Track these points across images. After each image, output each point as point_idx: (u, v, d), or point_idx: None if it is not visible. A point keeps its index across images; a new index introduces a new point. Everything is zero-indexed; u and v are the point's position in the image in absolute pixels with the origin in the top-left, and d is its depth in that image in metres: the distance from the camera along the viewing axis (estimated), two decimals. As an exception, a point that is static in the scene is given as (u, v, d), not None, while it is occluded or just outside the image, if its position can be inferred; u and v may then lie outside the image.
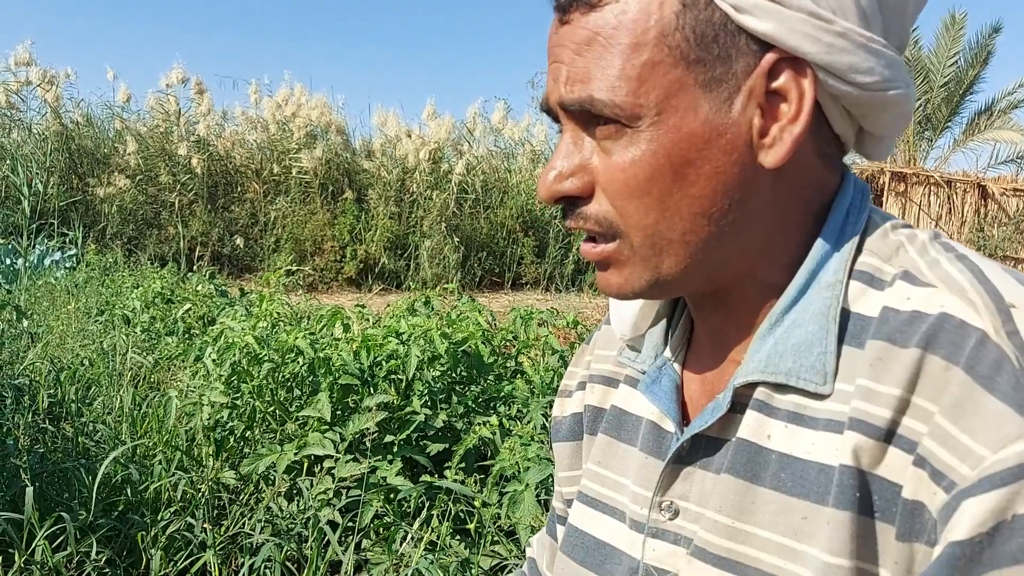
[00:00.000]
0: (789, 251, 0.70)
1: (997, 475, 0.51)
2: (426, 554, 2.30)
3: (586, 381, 0.93)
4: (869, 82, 0.65)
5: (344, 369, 2.67)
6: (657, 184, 0.65)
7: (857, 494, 0.60)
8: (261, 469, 2.63)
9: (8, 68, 12.37)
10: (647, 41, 0.63)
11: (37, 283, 7.82)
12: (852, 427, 0.61)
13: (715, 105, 0.63)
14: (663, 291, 0.71)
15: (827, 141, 0.69)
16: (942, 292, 0.60)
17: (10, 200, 10.86)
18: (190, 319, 4.95)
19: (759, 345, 0.69)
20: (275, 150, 13.07)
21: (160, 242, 11.90)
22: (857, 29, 0.63)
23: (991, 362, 0.55)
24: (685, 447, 0.73)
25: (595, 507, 0.86)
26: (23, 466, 2.22)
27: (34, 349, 4.22)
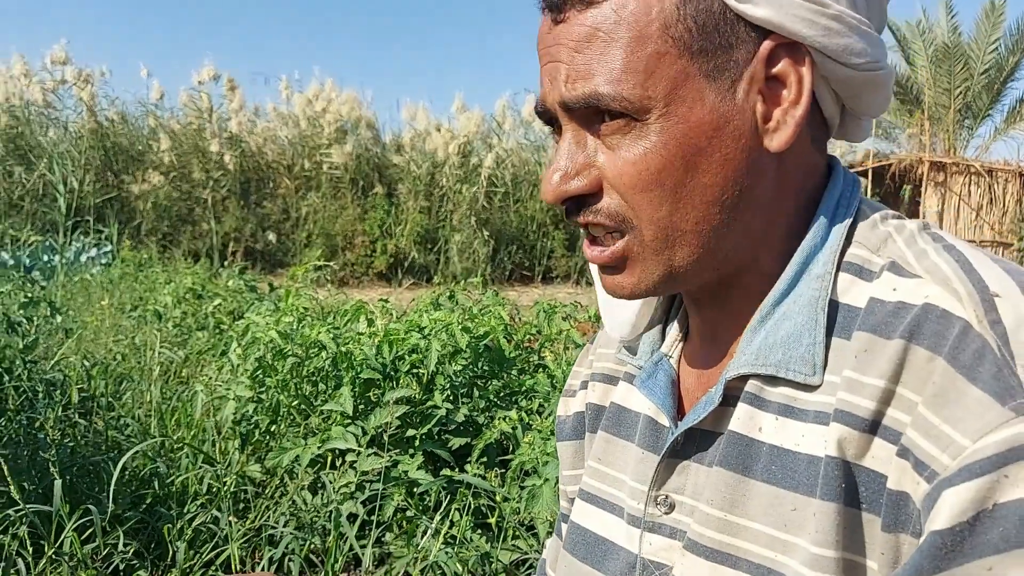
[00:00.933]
0: (783, 239, 0.71)
1: (976, 464, 0.51)
2: (446, 548, 2.31)
3: (588, 380, 0.94)
4: (862, 63, 0.66)
5: (366, 364, 2.69)
6: (669, 175, 0.65)
7: (843, 485, 0.61)
8: (285, 463, 2.66)
9: (44, 67, 12.60)
10: (650, 33, 0.63)
11: (73, 279, 7.98)
12: (837, 418, 0.61)
13: (720, 93, 0.64)
14: (675, 285, 0.71)
15: (817, 125, 0.70)
16: (927, 283, 0.61)
17: (47, 198, 11.07)
18: (220, 314, 5.01)
19: (750, 338, 0.69)
20: (306, 146, 13.18)
21: (194, 238, 12.07)
22: (848, 11, 0.65)
23: (973, 352, 0.55)
24: (679, 441, 0.73)
25: (595, 503, 0.86)
26: (51, 460, 2.26)
27: (67, 344, 4.30)
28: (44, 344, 4.40)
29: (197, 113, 13.11)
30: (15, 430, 2.83)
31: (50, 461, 2.27)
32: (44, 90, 12.34)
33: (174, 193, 12.22)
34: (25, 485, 2.49)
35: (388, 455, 2.61)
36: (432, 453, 2.71)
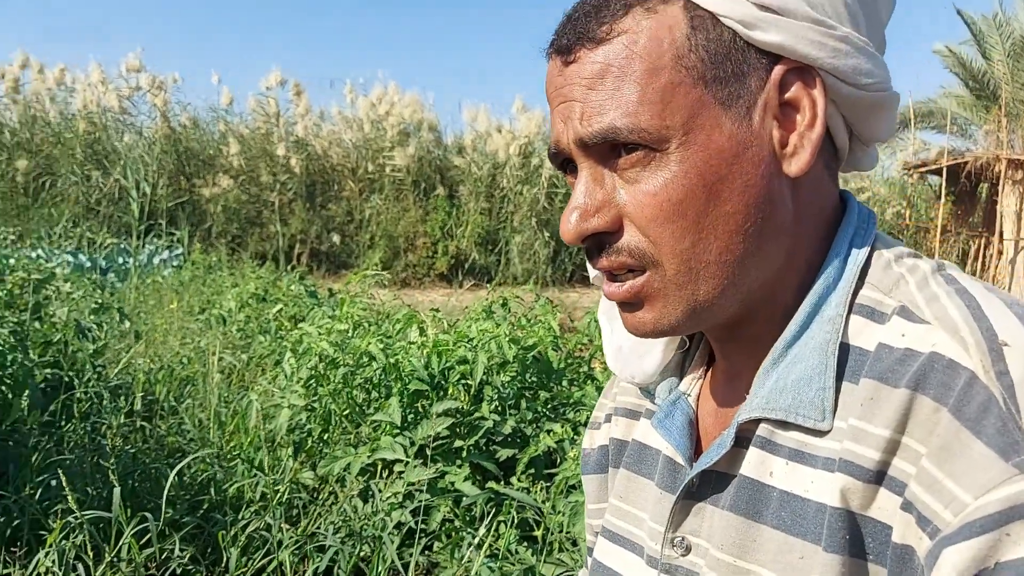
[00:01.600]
0: (801, 271, 0.70)
1: (978, 522, 0.51)
2: (489, 560, 2.33)
3: (612, 414, 0.94)
4: (871, 83, 0.66)
5: (414, 375, 2.72)
6: (692, 205, 0.64)
7: (847, 536, 0.60)
8: (336, 471, 2.71)
9: (120, 75, 13.06)
10: (664, 65, 0.63)
11: (146, 281, 8.25)
12: (841, 468, 0.61)
13: (736, 120, 0.64)
14: (698, 321, 0.69)
15: (830, 154, 0.70)
16: (935, 330, 0.59)
17: (123, 202, 11.47)
18: (282, 318, 5.13)
19: (763, 380, 0.68)
20: (370, 148, 13.37)
21: (261, 240, 12.36)
22: (854, 33, 0.65)
23: (978, 404, 0.54)
24: (695, 482, 0.73)
25: (616, 542, 0.87)
26: (111, 468, 2.34)
27: (136, 347, 4.46)
28: (115, 347, 4.57)
29: (265, 118, 13.42)
30: (80, 436, 2.95)
31: (110, 469, 2.35)
32: (120, 97, 12.78)
33: (243, 196, 12.53)
34: (89, 490, 2.59)
35: (435, 467, 2.64)
36: (480, 464, 2.73)
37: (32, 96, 12.84)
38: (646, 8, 0.65)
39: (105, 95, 12.76)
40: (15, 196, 11.57)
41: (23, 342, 3.71)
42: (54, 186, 11.83)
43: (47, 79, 13.02)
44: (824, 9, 0.64)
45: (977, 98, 14.42)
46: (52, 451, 2.85)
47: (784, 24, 0.63)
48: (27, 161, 11.69)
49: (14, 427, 2.93)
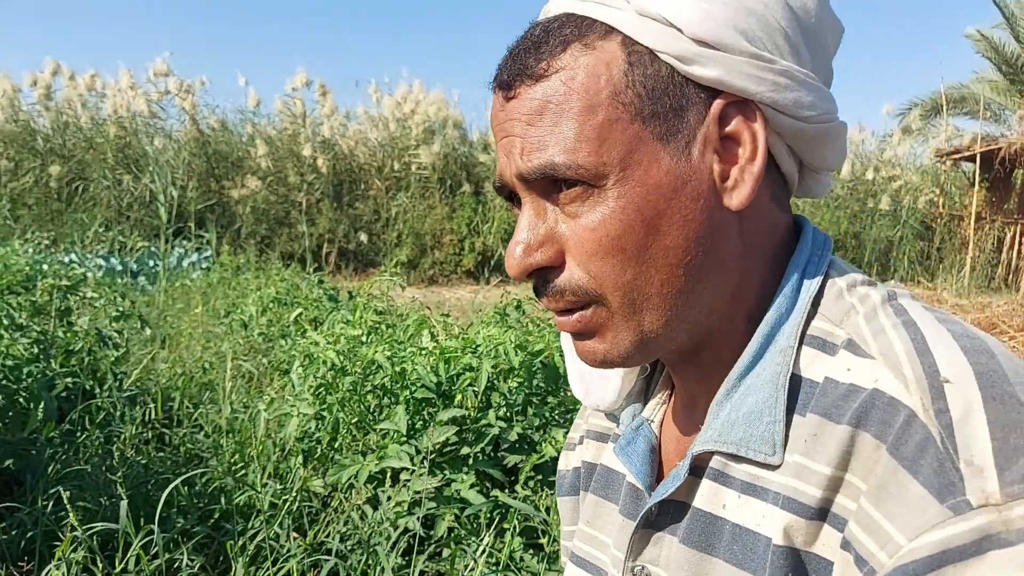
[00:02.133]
0: (753, 301, 0.70)
1: (910, 565, 0.50)
2: (493, 569, 2.33)
3: (584, 436, 0.94)
4: (814, 115, 0.66)
5: (420, 383, 2.73)
6: (631, 239, 0.65)
7: (789, 574, 0.60)
8: (345, 479, 2.73)
9: (149, 79, 13.23)
10: (600, 101, 0.64)
11: (175, 284, 8.36)
12: (785, 505, 0.61)
13: (675, 155, 0.64)
14: (648, 351, 0.70)
15: (777, 183, 0.70)
16: (879, 365, 0.59)
17: (153, 205, 11.64)
18: (302, 322, 5.17)
19: (716, 412, 0.68)
20: (395, 147, 13.43)
21: (290, 240, 12.47)
22: (795, 66, 0.65)
23: (916, 444, 0.53)
24: (653, 512, 0.73)
25: (583, 567, 0.88)
26: (118, 480, 2.38)
27: (157, 354, 4.52)
28: (139, 354, 4.64)
29: (292, 119, 13.53)
30: (96, 445, 3.00)
31: (117, 481, 2.39)
32: (149, 101, 12.95)
33: (271, 197, 12.65)
34: (102, 500, 2.64)
35: (442, 474, 2.65)
36: (486, 471, 2.73)
37: (64, 102, 13.07)
38: (584, 44, 0.65)
39: (135, 100, 12.95)
40: (49, 201, 11.80)
41: (46, 351, 3.78)
42: (86, 191, 12.04)
43: (78, 85, 13.25)
44: (763, 44, 0.64)
45: (1011, 83, 14.11)
46: (69, 461, 2.90)
47: (721, 59, 0.63)
48: (60, 167, 11.91)
49: (32, 437, 2.99)
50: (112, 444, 3.06)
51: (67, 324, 4.34)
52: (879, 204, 13.10)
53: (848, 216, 13.32)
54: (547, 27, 0.67)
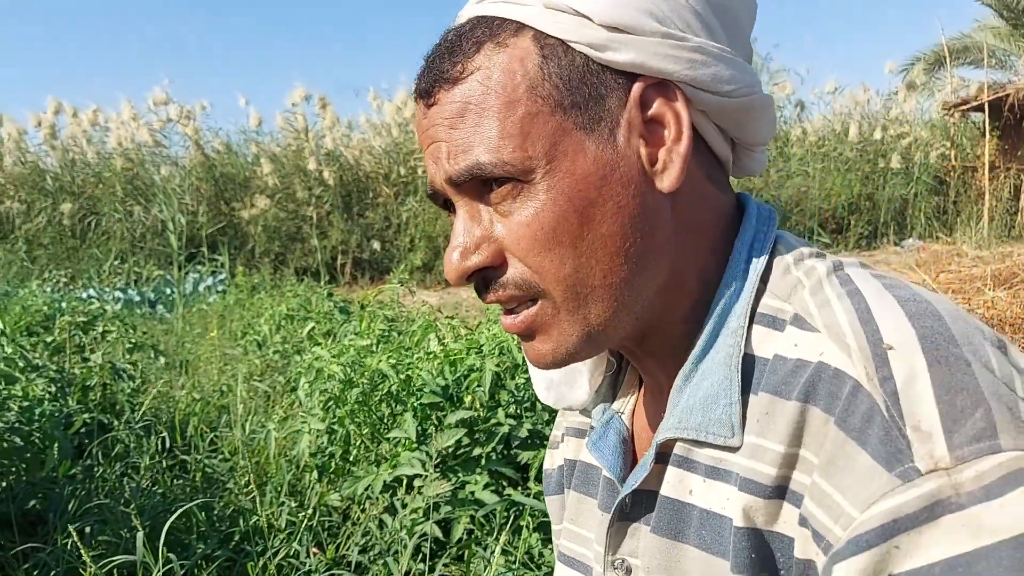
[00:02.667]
0: (698, 284, 0.69)
1: (863, 536, 0.50)
2: (511, 566, 2.32)
3: (565, 434, 0.95)
4: (733, 89, 0.66)
5: (426, 388, 2.73)
6: (566, 231, 0.64)
7: (753, 555, 0.60)
8: (360, 491, 2.73)
9: (149, 109, 13.34)
10: (519, 97, 0.64)
11: (192, 310, 8.42)
12: (743, 487, 0.60)
13: (600, 143, 0.64)
14: (595, 344, 0.69)
15: (710, 163, 0.70)
16: (823, 338, 0.59)
17: (165, 233, 11.74)
18: (316, 336, 5.19)
19: (676, 398, 0.68)
20: (400, 152, 13.45)
21: (304, 255, 12.53)
22: (708, 42, 0.65)
23: (862, 414, 0.53)
24: (627, 503, 0.73)
25: (570, 564, 0.89)
26: (133, 512, 2.40)
27: (172, 382, 4.56)
28: (156, 383, 4.68)
29: (295, 134, 13.59)
30: (115, 479, 3.02)
31: (132, 513, 2.41)
32: (152, 131, 13.06)
33: (281, 214, 12.71)
34: (123, 533, 2.66)
35: (456, 477, 2.65)
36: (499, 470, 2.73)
37: (69, 139, 13.21)
38: (496, 43, 0.65)
39: (138, 130, 13.07)
40: (63, 239, 11.94)
41: (63, 389, 3.83)
42: (99, 225, 12.17)
43: (82, 121, 13.39)
44: (673, 23, 0.64)
45: (1014, 27, 13.89)
46: (90, 496, 2.93)
47: (634, 42, 0.63)
48: (71, 204, 12.05)
49: (52, 476, 3.02)
50: (128, 476, 3.09)
51: (83, 360, 4.39)
52: (890, 163, 12.95)
53: (860, 178, 13.19)
54: (459, 31, 0.68)
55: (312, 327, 5.13)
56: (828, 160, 13.51)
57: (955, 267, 7.80)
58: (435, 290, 11.78)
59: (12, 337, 4.41)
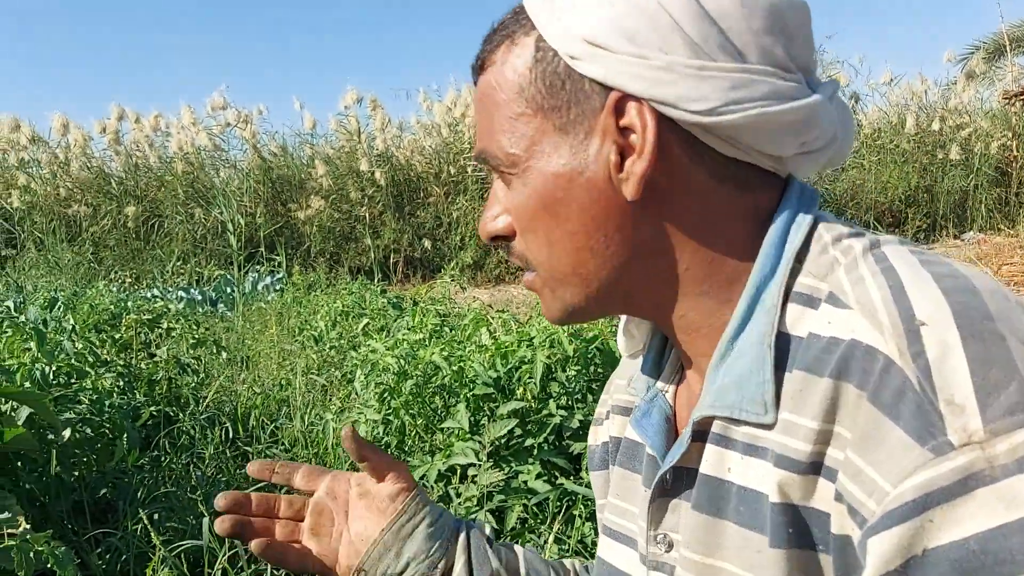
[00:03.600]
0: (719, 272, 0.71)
1: (897, 510, 0.51)
2: (564, 554, 2.36)
3: (610, 411, 0.97)
4: (704, 108, 0.65)
5: (478, 379, 2.78)
6: (540, 222, 0.72)
7: (791, 530, 0.61)
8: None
9: (208, 114, 13.64)
10: (511, 97, 0.70)
11: (251, 308, 8.61)
12: (777, 463, 0.62)
13: (574, 147, 0.69)
14: (581, 317, 0.77)
15: (722, 166, 0.69)
16: (856, 315, 0.60)
17: (225, 234, 12.01)
18: (370, 331, 5.29)
19: (712, 377, 0.70)
20: (450, 152, 13.53)
21: (357, 254, 12.69)
22: (683, 60, 0.64)
23: (894, 389, 0.54)
24: (668, 479, 0.75)
25: (615, 538, 0.90)
26: (199, 499, 2.49)
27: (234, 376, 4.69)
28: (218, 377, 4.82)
29: (347, 136, 13.76)
30: (181, 468, 3.14)
31: (198, 500, 2.50)
32: (211, 135, 13.35)
33: (335, 214, 12.88)
34: (190, 520, 2.76)
35: (509, 467, 2.69)
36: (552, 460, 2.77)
37: (132, 144, 13.58)
38: (512, 41, 0.71)
39: (197, 135, 13.36)
40: (128, 241, 12.28)
41: (131, 383, 3.97)
42: (161, 227, 12.49)
43: (144, 127, 13.73)
44: (651, 41, 0.65)
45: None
46: (157, 484, 3.05)
47: (602, 57, 0.65)
48: (135, 207, 12.37)
49: (122, 466, 3.14)
50: (194, 465, 3.20)
51: (149, 356, 4.55)
52: (949, 154, 12.60)
53: (918, 171, 12.86)
54: (502, 20, 0.73)
55: (367, 323, 5.23)
56: (884, 152, 13.21)
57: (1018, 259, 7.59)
58: (485, 287, 11.84)
59: (82, 334, 4.59)
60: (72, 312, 5.47)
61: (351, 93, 13.62)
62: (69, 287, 8.89)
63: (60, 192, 12.74)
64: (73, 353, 3.49)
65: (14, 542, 1.80)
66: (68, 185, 12.92)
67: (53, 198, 12.64)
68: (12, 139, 13.30)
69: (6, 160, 13.15)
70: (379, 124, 13.53)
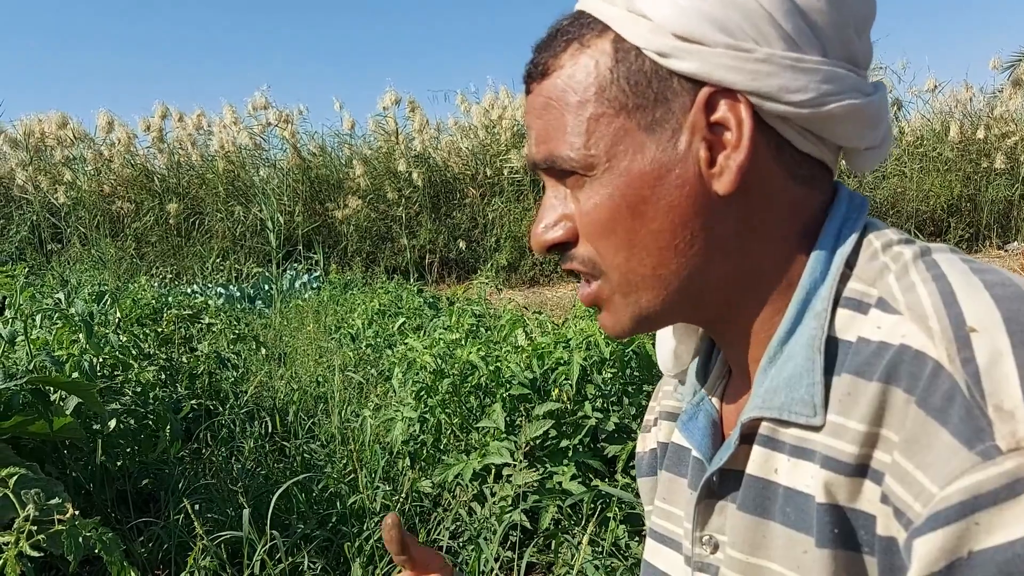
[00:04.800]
0: (779, 275, 0.72)
1: (943, 512, 0.51)
2: (598, 555, 2.37)
3: (658, 417, 0.98)
4: (805, 99, 0.66)
5: (515, 380, 2.79)
6: (620, 223, 0.70)
7: (836, 530, 0.61)
8: (451, 478, 2.82)
9: (249, 114, 13.83)
10: (589, 98, 0.69)
11: (289, 305, 8.71)
12: (824, 464, 0.62)
13: (661, 144, 0.68)
14: (650, 325, 0.76)
15: (796, 163, 0.70)
16: (905, 320, 0.60)
17: (264, 232, 12.17)
18: (406, 330, 5.33)
19: (761, 379, 0.71)
20: (487, 154, 13.58)
21: (393, 254, 12.79)
22: (781, 52, 0.65)
23: (943, 393, 0.54)
24: (715, 481, 0.76)
25: (661, 541, 0.91)
26: (239, 491, 2.54)
27: (273, 372, 4.75)
28: (256, 372, 4.89)
29: (385, 137, 13.87)
30: (221, 461, 3.19)
31: (239, 491, 2.55)
32: (252, 134, 13.53)
33: (372, 214, 12.99)
34: (229, 511, 2.81)
35: (543, 467, 2.71)
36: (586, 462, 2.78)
37: (175, 143, 13.82)
38: (581, 43, 0.71)
39: (239, 134, 13.56)
40: (169, 237, 12.50)
41: (172, 376, 4.05)
42: (202, 224, 12.69)
43: (187, 125, 13.97)
44: (744, 32, 0.65)
45: None
46: (197, 476, 3.11)
47: (697, 52, 0.65)
48: (177, 204, 12.59)
49: (164, 457, 3.21)
50: (234, 458, 3.26)
51: (190, 350, 4.63)
52: (994, 163, 12.37)
53: (961, 179, 12.64)
54: (559, 26, 0.73)
55: (403, 321, 5.27)
56: (927, 160, 13.02)
57: (1064, 271, 7.43)
58: (519, 289, 11.87)
59: (125, 327, 4.68)
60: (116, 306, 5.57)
61: (390, 94, 13.75)
62: (112, 282, 9.06)
63: (104, 188, 13.00)
64: (118, 346, 3.56)
65: (64, 527, 1.86)
66: (112, 182, 13.18)
67: (97, 194, 12.91)
68: (60, 135, 13.59)
69: (53, 156, 13.44)
70: (417, 125, 13.63)
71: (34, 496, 1.88)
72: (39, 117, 13.81)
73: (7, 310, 3.30)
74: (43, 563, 2.54)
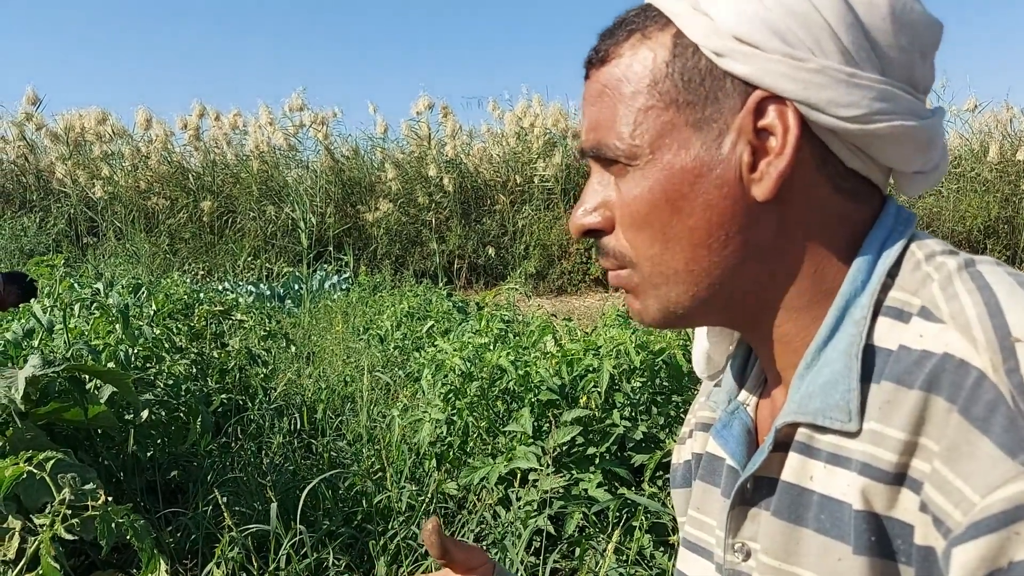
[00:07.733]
0: (819, 283, 0.71)
1: (983, 521, 0.51)
2: (623, 563, 2.36)
3: (693, 429, 0.98)
4: (854, 115, 0.66)
5: (544, 385, 2.80)
6: (657, 216, 0.71)
7: (872, 538, 0.61)
8: (476, 481, 2.83)
9: (284, 115, 13.97)
10: (641, 89, 0.70)
11: (318, 305, 8.78)
12: (862, 472, 0.62)
13: (706, 143, 0.68)
14: (678, 321, 0.76)
15: (842, 176, 0.70)
16: (949, 329, 0.60)
17: (295, 233, 12.29)
18: (434, 334, 5.35)
19: (797, 385, 0.70)
20: (518, 161, 13.62)
21: (422, 258, 12.85)
22: (835, 65, 0.65)
23: (986, 403, 0.54)
24: (748, 488, 0.76)
25: (694, 550, 0.91)
26: (268, 484, 2.56)
27: (303, 370, 4.79)
28: (286, 370, 4.93)
29: (418, 141, 13.95)
30: (249, 455, 3.22)
31: (267, 486, 2.57)
32: (286, 135, 13.67)
33: (402, 218, 13.06)
34: (256, 505, 2.84)
35: (570, 474, 2.71)
36: (613, 470, 2.77)
37: (211, 141, 13.99)
38: (643, 35, 0.71)
39: (273, 134, 13.71)
40: (202, 235, 12.65)
41: (203, 370, 4.09)
42: (235, 223, 12.84)
43: (223, 125, 14.15)
44: (803, 42, 0.65)
45: None
46: (226, 469, 3.14)
47: (753, 56, 0.66)
48: (211, 202, 12.75)
49: (193, 450, 3.25)
50: (263, 453, 3.28)
51: (221, 346, 4.67)
52: (1033, 185, 12.20)
53: (999, 201, 12.47)
54: (624, 16, 0.74)
55: (431, 324, 5.29)
56: (963, 180, 12.86)
57: (1102, 296, 7.27)
58: (547, 297, 11.87)
59: (158, 321, 4.74)
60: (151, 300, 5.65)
61: (423, 99, 13.84)
62: (145, 276, 9.18)
63: (140, 184, 13.20)
64: (152, 338, 3.61)
65: (97, 513, 1.88)
66: (148, 178, 13.37)
67: (133, 190, 13.10)
68: (99, 131, 13.81)
69: (91, 151, 13.66)
70: (449, 131, 13.70)
71: (70, 480, 1.91)
72: (79, 112, 14.03)
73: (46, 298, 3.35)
74: (72, 549, 2.58)
